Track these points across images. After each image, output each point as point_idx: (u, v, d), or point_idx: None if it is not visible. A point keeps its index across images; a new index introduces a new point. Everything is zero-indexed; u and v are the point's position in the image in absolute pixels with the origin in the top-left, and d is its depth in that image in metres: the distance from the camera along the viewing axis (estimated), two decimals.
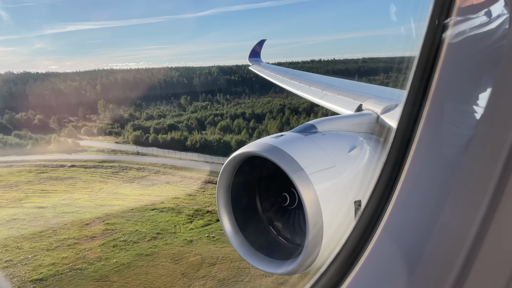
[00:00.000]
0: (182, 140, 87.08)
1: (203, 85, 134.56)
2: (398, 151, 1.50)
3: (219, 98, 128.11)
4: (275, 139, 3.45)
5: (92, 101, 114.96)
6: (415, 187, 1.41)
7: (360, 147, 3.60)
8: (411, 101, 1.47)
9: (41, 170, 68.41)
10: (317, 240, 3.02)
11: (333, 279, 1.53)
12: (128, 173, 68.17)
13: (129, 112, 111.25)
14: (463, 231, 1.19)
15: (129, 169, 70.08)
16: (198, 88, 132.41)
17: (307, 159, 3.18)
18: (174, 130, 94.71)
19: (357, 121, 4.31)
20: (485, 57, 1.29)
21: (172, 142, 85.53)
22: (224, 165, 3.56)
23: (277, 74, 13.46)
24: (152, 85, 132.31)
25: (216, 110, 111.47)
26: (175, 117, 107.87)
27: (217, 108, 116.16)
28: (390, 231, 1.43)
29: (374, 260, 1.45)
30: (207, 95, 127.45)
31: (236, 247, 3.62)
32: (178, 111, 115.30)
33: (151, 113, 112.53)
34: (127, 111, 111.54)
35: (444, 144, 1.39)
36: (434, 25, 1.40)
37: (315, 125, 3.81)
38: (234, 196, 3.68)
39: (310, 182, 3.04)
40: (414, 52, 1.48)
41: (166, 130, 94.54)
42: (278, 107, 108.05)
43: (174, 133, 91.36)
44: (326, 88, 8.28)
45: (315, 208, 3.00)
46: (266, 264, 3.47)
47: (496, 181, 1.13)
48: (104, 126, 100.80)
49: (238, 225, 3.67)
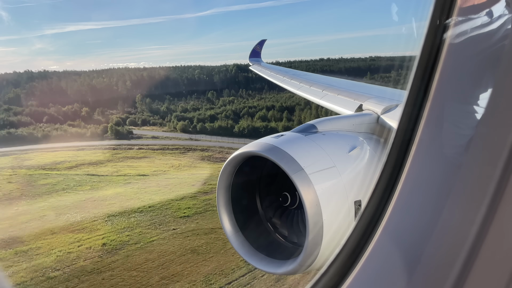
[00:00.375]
0: (229, 127, 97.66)
1: (224, 82, 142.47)
2: (398, 152, 1.50)
3: (242, 93, 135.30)
4: (275, 139, 3.45)
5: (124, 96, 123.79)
6: (415, 188, 1.41)
7: (360, 147, 3.60)
8: (411, 101, 1.47)
9: (113, 152, 78.49)
10: (317, 240, 3.02)
11: (334, 279, 1.53)
12: (195, 153, 77.28)
13: (165, 106, 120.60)
14: (463, 232, 1.18)
15: (193, 150, 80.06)
16: (219, 84, 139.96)
17: (307, 159, 3.18)
18: (215, 120, 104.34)
19: (358, 121, 4.31)
20: (486, 58, 1.29)
21: (220, 130, 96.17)
22: (224, 165, 3.56)
23: (278, 74, 13.46)
24: (177, 81, 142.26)
25: (244, 104, 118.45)
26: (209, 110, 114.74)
27: (242, 102, 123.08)
28: (391, 231, 1.43)
29: (375, 260, 1.45)
30: (230, 91, 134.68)
31: (236, 247, 3.62)
32: (209, 105, 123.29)
33: (185, 106, 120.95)
34: (163, 105, 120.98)
35: (444, 144, 1.39)
36: (435, 25, 1.40)
37: (315, 125, 3.81)
38: (235, 196, 3.68)
39: (310, 182, 3.04)
40: (415, 52, 1.48)
41: (209, 120, 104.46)
42: (305, 100, 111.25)
43: (221, 122, 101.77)
44: (327, 88, 8.28)
45: (315, 208, 3.00)
46: (266, 264, 3.47)
47: (496, 182, 1.13)
48: (146, 117, 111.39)
49: (238, 225, 3.67)
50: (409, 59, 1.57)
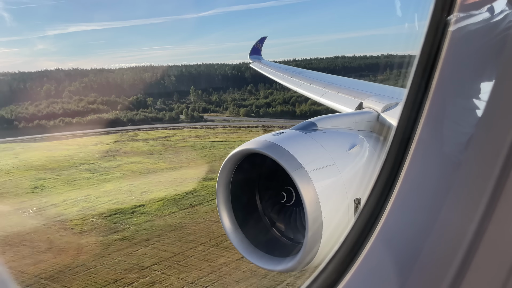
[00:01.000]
0: (290, 111, 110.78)
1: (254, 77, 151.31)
2: (397, 150, 1.50)
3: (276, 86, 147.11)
4: (275, 136, 3.45)
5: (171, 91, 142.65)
6: (414, 186, 1.41)
7: (360, 145, 3.60)
8: (411, 100, 1.47)
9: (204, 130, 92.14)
10: (317, 238, 3.03)
11: (332, 277, 1.53)
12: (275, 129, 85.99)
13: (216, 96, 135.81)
14: (462, 230, 1.19)
15: (272, 127, 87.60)
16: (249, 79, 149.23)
17: (307, 156, 3.18)
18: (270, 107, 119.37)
19: (358, 119, 4.31)
20: (486, 56, 1.29)
21: (282, 113, 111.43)
22: (224, 162, 3.56)
23: (278, 71, 13.43)
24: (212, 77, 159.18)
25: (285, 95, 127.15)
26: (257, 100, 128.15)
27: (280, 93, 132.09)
28: (389, 229, 1.43)
29: (373, 258, 1.45)
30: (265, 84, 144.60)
31: (236, 244, 3.63)
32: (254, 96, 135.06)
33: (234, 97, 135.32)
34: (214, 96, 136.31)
35: (444, 142, 1.39)
36: (435, 23, 1.40)
37: (315, 123, 3.81)
38: (234, 193, 3.68)
39: (310, 180, 3.04)
40: (415, 50, 1.47)
41: (265, 106, 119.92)
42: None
43: (283, 106, 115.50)
44: (327, 86, 8.27)
45: (315, 206, 3.00)
46: (266, 261, 3.48)
47: (495, 180, 1.13)
48: (205, 106, 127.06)
49: (237, 222, 3.67)
50: (409, 58, 1.57)
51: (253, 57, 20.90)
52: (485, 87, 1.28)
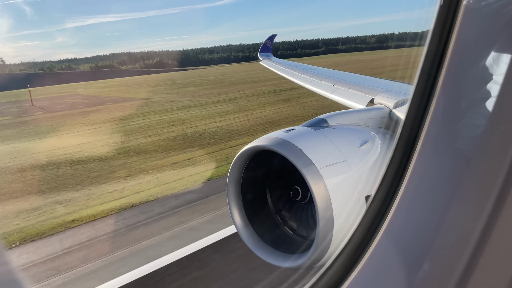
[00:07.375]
0: None
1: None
2: (405, 147, 1.49)
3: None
4: (285, 133, 3.45)
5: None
6: (421, 184, 1.40)
7: (371, 141, 3.56)
8: (418, 95, 1.45)
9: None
10: (327, 235, 3.03)
11: (337, 274, 1.53)
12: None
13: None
14: (469, 229, 1.17)
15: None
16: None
17: (318, 153, 3.17)
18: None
19: (369, 116, 4.26)
20: (496, 49, 1.27)
21: None
22: (234, 159, 3.58)
23: (288, 68, 13.38)
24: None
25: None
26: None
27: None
28: (396, 228, 1.42)
29: (379, 256, 1.44)
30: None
31: (246, 240, 3.65)
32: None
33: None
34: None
35: (451, 139, 1.37)
36: (442, 18, 1.38)
37: (326, 119, 3.79)
38: (245, 190, 3.71)
39: (321, 177, 3.03)
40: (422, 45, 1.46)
41: None
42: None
43: None
44: (337, 82, 8.20)
45: (326, 203, 2.99)
46: (275, 257, 3.50)
47: (503, 177, 1.11)
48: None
49: (248, 219, 3.70)
50: (416, 52, 1.56)
51: (263, 55, 20.85)
52: (494, 81, 1.25)
